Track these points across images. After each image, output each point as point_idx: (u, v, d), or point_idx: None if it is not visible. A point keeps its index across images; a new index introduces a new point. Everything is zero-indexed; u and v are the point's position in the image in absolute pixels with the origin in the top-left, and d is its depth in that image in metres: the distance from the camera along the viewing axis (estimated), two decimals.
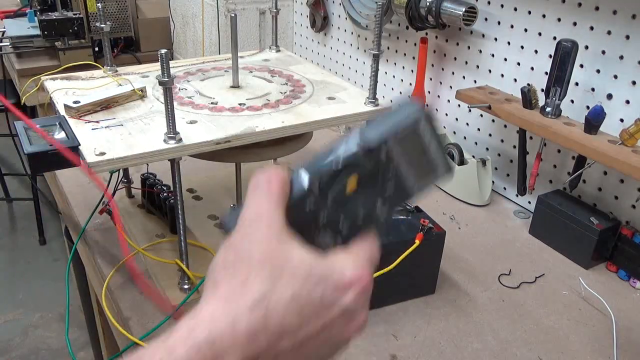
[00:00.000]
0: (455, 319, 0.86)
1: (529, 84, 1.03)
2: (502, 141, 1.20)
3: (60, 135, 0.77)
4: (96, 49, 2.03)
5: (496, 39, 1.16)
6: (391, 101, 1.48)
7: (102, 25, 0.97)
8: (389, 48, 1.46)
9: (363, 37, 1.56)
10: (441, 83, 1.33)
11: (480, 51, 1.20)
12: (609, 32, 0.94)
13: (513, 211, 1.17)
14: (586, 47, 0.98)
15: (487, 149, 1.24)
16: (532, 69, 1.09)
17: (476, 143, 1.27)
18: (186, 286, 0.85)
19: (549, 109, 1.00)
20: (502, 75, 1.16)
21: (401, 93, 1.45)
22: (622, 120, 0.95)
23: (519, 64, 1.12)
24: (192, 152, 0.76)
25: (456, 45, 1.25)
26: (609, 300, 0.88)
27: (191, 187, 1.14)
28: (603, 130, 0.95)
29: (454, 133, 1.31)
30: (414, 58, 1.38)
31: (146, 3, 2.24)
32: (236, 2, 1.71)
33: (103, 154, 0.71)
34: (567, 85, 0.97)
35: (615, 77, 0.95)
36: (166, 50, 0.69)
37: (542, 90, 1.02)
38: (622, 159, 0.87)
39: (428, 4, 1.18)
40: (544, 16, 1.04)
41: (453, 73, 1.28)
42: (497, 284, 0.94)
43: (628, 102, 0.94)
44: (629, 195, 0.98)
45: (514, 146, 1.15)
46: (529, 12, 1.07)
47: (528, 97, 1.03)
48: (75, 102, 0.82)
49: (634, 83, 0.92)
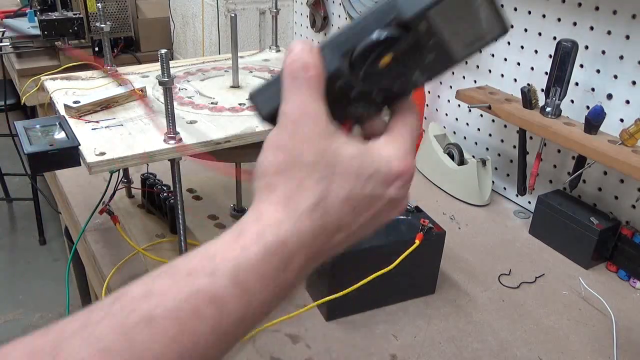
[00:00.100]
0: (455, 319, 0.86)
1: (529, 84, 1.03)
2: (502, 141, 1.20)
3: (60, 135, 0.77)
4: (96, 49, 2.03)
5: None
6: None
7: (102, 25, 0.97)
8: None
9: None
10: (441, 83, 1.33)
11: (480, 51, 1.20)
12: (609, 32, 0.94)
13: (513, 211, 1.17)
14: (586, 47, 0.98)
15: (487, 149, 1.24)
16: (532, 69, 1.09)
17: (476, 143, 1.27)
18: None
19: (549, 109, 1.00)
20: (502, 75, 1.16)
21: None
22: (622, 120, 0.95)
23: (519, 64, 1.12)
24: (192, 152, 0.76)
25: None
26: (609, 300, 0.88)
27: (191, 187, 1.14)
28: (603, 130, 0.95)
29: (454, 133, 1.31)
30: None
31: (146, 3, 2.24)
32: (236, 2, 1.71)
33: (103, 154, 0.72)
34: (567, 85, 0.97)
35: (615, 77, 0.95)
36: (166, 50, 0.69)
37: (542, 90, 1.02)
38: (622, 159, 0.87)
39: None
40: (544, 16, 1.04)
41: (453, 73, 1.28)
42: (497, 284, 0.94)
43: (628, 102, 0.94)
44: (629, 195, 0.98)
45: (514, 146, 1.15)
46: (529, 12, 1.07)
47: (528, 97, 1.03)
48: (75, 102, 0.82)
49: (634, 83, 0.92)
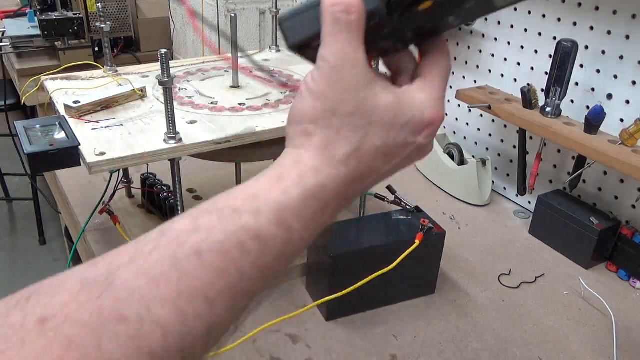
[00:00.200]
0: (455, 319, 0.86)
1: (529, 84, 1.03)
2: (502, 141, 1.20)
3: (60, 135, 0.77)
4: (96, 49, 2.03)
5: (496, 39, 1.16)
6: None
7: (102, 25, 0.97)
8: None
9: None
10: None
11: (480, 51, 1.20)
12: (609, 32, 0.94)
13: (513, 211, 1.17)
14: (586, 47, 0.98)
15: (487, 149, 1.24)
16: (532, 69, 1.09)
17: (476, 143, 1.27)
18: None
19: (549, 109, 1.00)
20: (502, 75, 1.16)
21: None
22: (622, 120, 0.95)
23: (519, 64, 1.12)
24: (192, 152, 0.76)
25: (456, 45, 1.25)
26: (609, 300, 0.88)
27: (191, 187, 1.14)
28: (603, 130, 0.95)
29: (454, 133, 1.31)
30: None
31: (146, 3, 2.24)
32: (236, 2, 1.71)
33: (103, 154, 0.72)
34: (567, 85, 0.97)
35: (615, 77, 0.95)
36: (166, 50, 0.69)
37: (542, 90, 1.02)
38: (622, 159, 0.87)
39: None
40: (544, 16, 1.04)
41: (453, 73, 1.28)
42: (497, 284, 0.94)
43: (628, 102, 0.94)
44: (629, 195, 0.98)
45: (514, 146, 1.15)
46: (529, 12, 1.07)
47: (528, 97, 1.03)
48: (75, 102, 0.82)
49: (634, 83, 0.92)
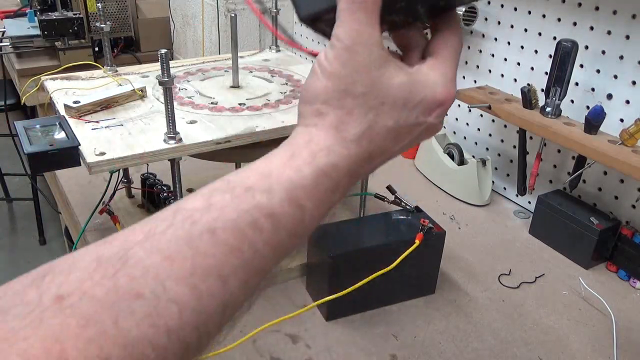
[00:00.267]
0: (455, 319, 0.86)
1: (529, 84, 1.03)
2: (502, 141, 1.20)
3: (60, 135, 0.77)
4: (96, 49, 2.03)
5: (496, 39, 1.16)
6: None
7: (102, 25, 0.97)
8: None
9: None
10: None
11: (480, 51, 1.20)
12: (609, 32, 0.94)
13: (513, 211, 1.17)
14: (586, 47, 0.98)
15: (487, 149, 1.24)
16: (532, 69, 1.09)
17: (476, 143, 1.27)
18: None
19: (549, 109, 1.00)
20: (502, 75, 1.16)
21: None
22: (622, 120, 0.95)
23: (519, 64, 1.12)
24: (192, 152, 0.76)
25: None
26: (609, 300, 0.88)
27: (191, 187, 1.14)
28: (603, 130, 0.95)
29: (454, 133, 1.31)
30: None
31: (146, 3, 2.24)
32: (236, 2, 1.71)
33: (103, 154, 0.72)
34: (567, 85, 0.97)
35: (615, 77, 0.95)
36: (166, 50, 0.69)
37: (542, 90, 1.02)
38: (622, 159, 0.87)
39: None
40: (544, 16, 1.04)
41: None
42: (497, 284, 0.94)
43: (628, 102, 0.94)
44: (629, 195, 0.98)
45: (514, 146, 1.15)
46: (529, 12, 1.07)
47: (528, 97, 1.03)
48: (75, 102, 0.82)
49: (634, 83, 0.92)
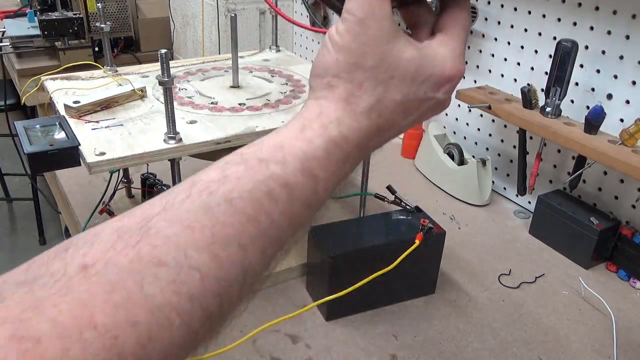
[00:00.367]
0: (455, 319, 0.86)
1: (529, 84, 1.03)
2: (502, 141, 1.20)
3: (60, 135, 0.77)
4: (96, 49, 2.03)
5: (496, 39, 1.16)
6: None
7: (102, 25, 0.97)
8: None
9: None
10: None
11: (480, 51, 1.20)
12: (609, 32, 0.94)
13: (513, 211, 1.17)
14: (586, 47, 0.98)
15: (487, 149, 1.24)
16: (532, 69, 1.09)
17: (476, 143, 1.27)
18: None
19: (549, 109, 1.00)
20: (502, 75, 1.16)
21: None
22: (622, 120, 0.95)
23: (519, 64, 1.12)
24: (192, 152, 0.76)
25: None
26: (609, 300, 0.88)
27: None
28: (603, 130, 0.95)
29: (454, 133, 1.31)
30: None
31: (146, 3, 2.24)
32: (236, 2, 1.71)
33: (103, 154, 0.72)
34: (567, 85, 0.97)
35: (615, 77, 0.95)
36: (166, 50, 0.69)
37: (542, 90, 1.02)
38: (622, 159, 0.87)
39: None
40: (544, 16, 1.04)
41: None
42: (497, 284, 0.94)
43: (628, 102, 0.94)
44: (629, 195, 0.98)
45: (514, 146, 1.15)
46: (529, 12, 1.07)
47: (528, 97, 1.03)
48: (75, 102, 0.82)
49: (634, 83, 0.92)
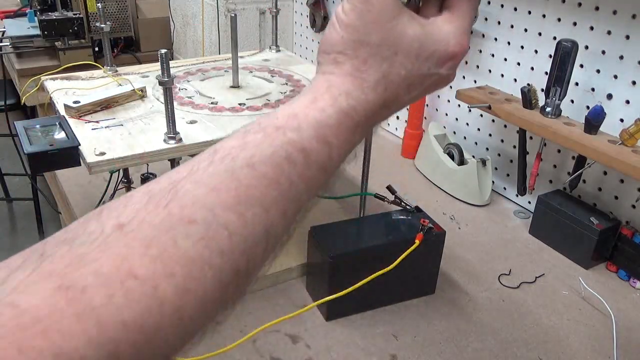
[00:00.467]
0: (455, 319, 0.86)
1: (529, 84, 1.03)
2: (502, 141, 1.20)
3: (60, 135, 0.77)
4: (96, 49, 2.03)
5: (496, 39, 1.16)
6: None
7: (102, 25, 0.97)
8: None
9: None
10: None
11: (480, 51, 1.20)
12: (609, 32, 0.94)
13: (513, 211, 1.17)
14: (586, 47, 0.98)
15: (487, 149, 1.24)
16: (532, 69, 1.09)
17: (476, 143, 1.27)
18: None
19: (549, 109, 1.00)
20: (502, 75, 1.16)
21: None
22: (622, 120, 0.95)
23: (519, 64, 1.12)
24: (192, 152, 0.76)
25: None
26: (609, 300, 0.88)
27: None
28: (603, 130, 0.95)
29: (454, 133, 1.31)
30: None
31: (146, 3, 2.24)
32: (236, 2, 1.71)
33: (103, 154, 0.72)
34: (567, 85, 0.97)
35: (615, 77, 0.95)
36: (166, 50, 0.69)
37: (542, 90, 1.02)
38: (622, 159, 0.87)
39: None
40: (544, 16, 1.04)
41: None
42: (497, 284, 0.94)
43: (628, 102, 0.94)
44: (629, 195, 0.98)
45: (514, 146, 1.15)
46: (529, 12, 1.07)
47: (528, 97, 1.03)
48: (75, 102, 0.82)
49: (634, 83, 0.92)
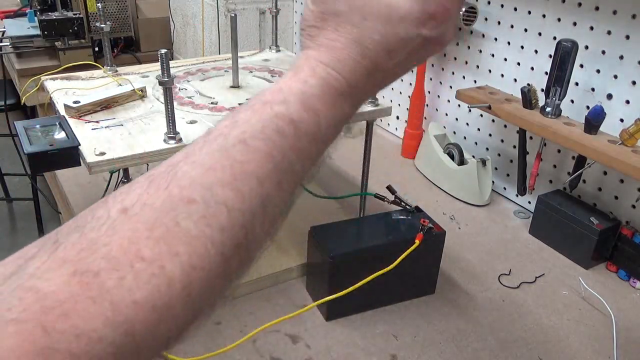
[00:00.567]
0: (455, 319, 0.86)
1: (529, 84, 1.03)
2: (502, 141, 1.20)
3: (60, 135, 0.77)
4: (96, 49, 2.03)
5: (496, 39, 1.16)
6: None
7: (102, 25, 0.97)
8: None
9: None
10: (441, 83, 1.33)
11: (480, 51, 1.20)
12: (609, 32, 0.94)
13: (513, 211, 1.17)
14: (586, 47, 0.98)
15: (487, 149, 1.24)
16: (532, 69, 1.09)
17: (476, 143, 1.27)
18: None
19: (549, 109, 1.00)
20: (502, 75, 1.16)
21: (401, 93, 1.45)
22: (622, 120, 0.95)
23: (519, 64, 1.12)
24: None
25: (456, 45, 1.25)
26: (609, 300, 0.88)
27: None
28: (603, 130, 0.95)
29: (454, 133, 1.31)
30: None
31: (146, 3, 2.24)
32: (236, 2, 1.71)
33: (103, 154, 0.72)
34: (567, 85, 0.97)
35: (615, 77, 0.95)
36: (166, 50, 0.69)
37: (542, 90, 1.02)
38: (622, 159, 0.87)
39: None
40: (544, 16, 1.04)
41: (453, 73, 1.28)
42: (497, 284, 0.94)
43: (628, 102, 0.94)
44: (629, 195, 0.98)
45: (514, 146, 1.15)
46: (529, 12, 1.07)
47: (528, 97, 1.03)
48: (75, 102, 0.82)
49: (634, 83, 0.92)
